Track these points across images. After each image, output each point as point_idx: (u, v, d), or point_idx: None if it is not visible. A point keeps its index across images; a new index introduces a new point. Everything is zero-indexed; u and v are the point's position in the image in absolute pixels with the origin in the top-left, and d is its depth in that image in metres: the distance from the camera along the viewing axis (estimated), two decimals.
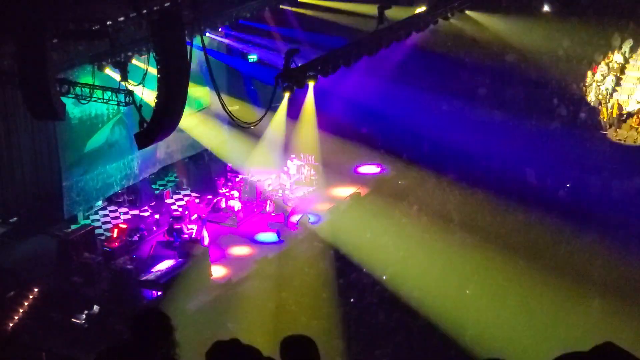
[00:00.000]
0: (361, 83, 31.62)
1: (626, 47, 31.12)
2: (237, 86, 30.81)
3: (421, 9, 28.21)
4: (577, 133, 29.81)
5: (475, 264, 22.36)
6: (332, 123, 30.80)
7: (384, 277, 22.15)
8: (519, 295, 20.73)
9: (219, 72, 28.97)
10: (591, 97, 30.55)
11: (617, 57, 30.93)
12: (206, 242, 25.02)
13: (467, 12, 30.75)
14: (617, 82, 30.57)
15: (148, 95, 20.82)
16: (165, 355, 5.35)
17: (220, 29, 29.60)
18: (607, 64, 31.00)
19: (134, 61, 24.22)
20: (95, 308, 21.27)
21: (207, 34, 27.59)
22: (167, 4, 22.45)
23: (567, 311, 19.90)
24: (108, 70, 24.22)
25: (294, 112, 29.41)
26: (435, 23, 29.10)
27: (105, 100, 22.79)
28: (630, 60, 30.94)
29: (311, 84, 23.25)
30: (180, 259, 23.18)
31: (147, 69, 21.03)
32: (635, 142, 28.57)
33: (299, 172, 29.67)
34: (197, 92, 29.19)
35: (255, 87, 31.09)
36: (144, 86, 20.99)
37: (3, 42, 21.70)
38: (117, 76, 23.23)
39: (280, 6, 31.76)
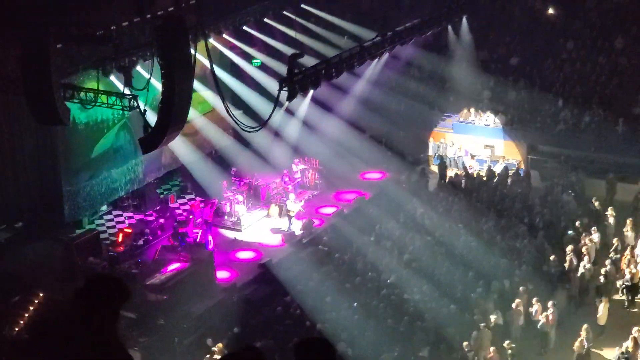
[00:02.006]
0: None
1: None
2: (241, 90, 30.79)
3: None
4: None
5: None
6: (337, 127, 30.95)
7: (389, 281, 22.11)
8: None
9: (223, 76, 28.99)
10: None
11: None
12: (211, 246, 25.04)
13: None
14: None
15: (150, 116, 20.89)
16: None
17: (224, 35, 29.62)
18: None
19: (138, 67, 24.19)
20: None
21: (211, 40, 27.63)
22: (170, 9, 22.49)
23: None
24: (113, 77, 24.20)
25: None
26: (438, 27, 29.29)
27: (109, 105, 22.81)
28: None
29: (311, 89, 23.25)
30: (185, 263, 23.17)
31: (150, 77, 21.06)
32: None
33: (303, 176, 29.69)
34: (201, 96, 29.18)
35: (259, 91, 31.05)
36: (146, 103, 21.09)
37: (7, 47, 21.76)
38: (121, 85, 23.28)
39: (284, 12, 31.81)
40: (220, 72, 28.83)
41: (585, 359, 19.05)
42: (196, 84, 22.62)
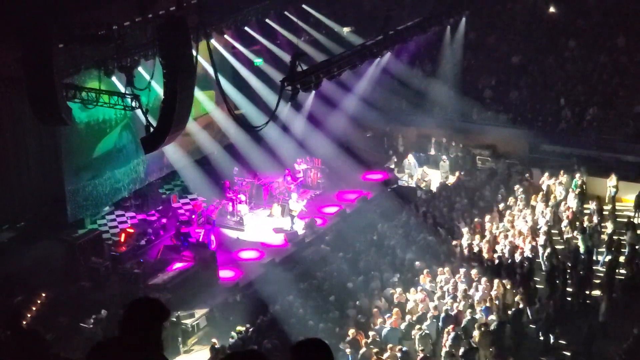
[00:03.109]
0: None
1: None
2: (243, 89, 30.86)
3: None
4: None
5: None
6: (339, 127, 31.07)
7: (392, 280, 22.07)
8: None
9: (225, 76, 28.98)
10: None
11: None
12: (213, 245, 25.04)
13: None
14: None
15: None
16: None
17: (225, 36, 29.65)
18: None
19: (139, 68, 24.15)
20: (103, 312, 21.25)
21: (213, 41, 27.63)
22: (172, 9, 22.48)
23: None
24: (114, 78, 24.19)
25: None
26: (441, 24, 29.32)
27: (111, 105, 22.84)
28: None
29: (313, 88, 23.24)
30: (187, 263, 23.19)
31: (152, 76, 21.05)
32: None
33: (305, 175, 29.69)
34: (203, 95, 29.19)
35: (262, 91, 31.13)
36: (148, 102, 21.11)
37: (10, 47, 21.76)
38: (122, 86, 23.28)
39: (285, 12, 31.80)
40: (222, 71, 28.91)
41: (585, 357, 19.07)
42: (198, 83, 22.59)
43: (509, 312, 20.24)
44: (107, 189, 27.26)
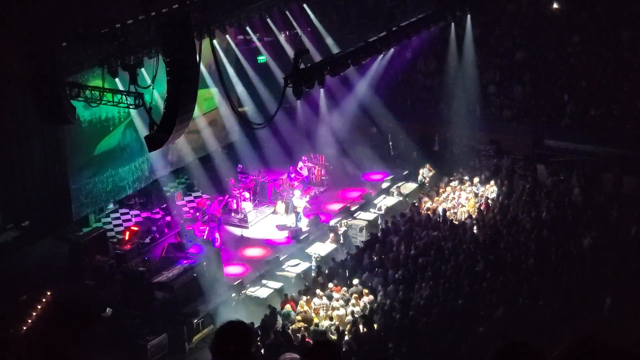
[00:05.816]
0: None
1: None
2: (246, 87, 30.87)
3: None
4: None
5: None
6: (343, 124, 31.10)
7: (396, 276, 22.10)
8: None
9: (226, 74, 28.99)
10: None
11: None
12: (218, 243, 25.05)
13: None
14: None
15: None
16: None
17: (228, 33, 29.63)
18: None
19: (142, 69, 24.13)
20: (108, 310, 21.31)
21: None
22: (175, 6, 22.47)
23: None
24: (117, 79, 24.16)
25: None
26: (444, 20, 29.25)
27: (115, 103, 22.86)
28: None
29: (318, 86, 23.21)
30: (192, 261, 23.20)
31: (155, 74, 21.04)
32: None
33: (309, 173, 29.69)
34: (207, 93, 29.18)
35: (265, 88, 31.13)
36: (152, 100, 21.13)
37: (13, 46, 21.77)
38: (121, 85, 23.25)
39: (286, 12, 31.75)
40: (225, 69, 28.92)
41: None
42: (202, 81, 22.58)
43: None
44: (109, 187, 27.24)
